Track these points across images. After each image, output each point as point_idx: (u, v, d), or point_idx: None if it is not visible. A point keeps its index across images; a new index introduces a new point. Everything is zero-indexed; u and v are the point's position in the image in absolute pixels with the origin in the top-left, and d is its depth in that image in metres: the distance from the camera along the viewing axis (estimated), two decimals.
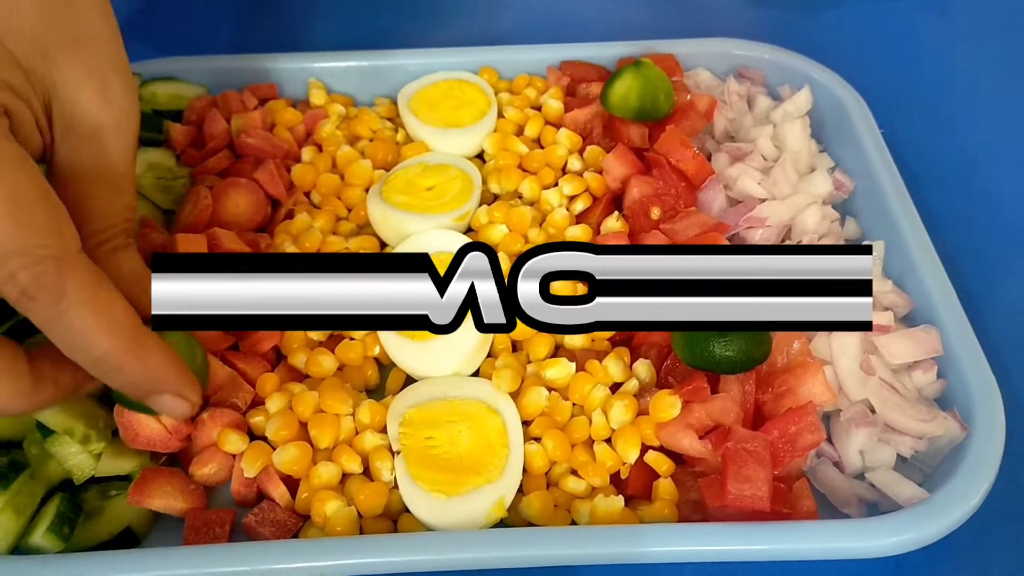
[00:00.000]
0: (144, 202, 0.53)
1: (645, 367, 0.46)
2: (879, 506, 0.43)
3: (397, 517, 0.43)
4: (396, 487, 0.43)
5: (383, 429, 0.45)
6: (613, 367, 0.46)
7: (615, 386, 0.46)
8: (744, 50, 0.65)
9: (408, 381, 0.48)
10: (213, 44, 0.67)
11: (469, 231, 0.55)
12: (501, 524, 0.42)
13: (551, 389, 0.46)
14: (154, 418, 0.43)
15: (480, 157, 0.61)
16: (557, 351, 0.49)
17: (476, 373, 0.48)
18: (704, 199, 0.55)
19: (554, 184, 0.57)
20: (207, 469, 0.44)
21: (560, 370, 0.46)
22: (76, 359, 0.35)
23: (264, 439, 0.45)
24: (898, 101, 0.64)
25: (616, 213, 0.53)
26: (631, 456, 0.43)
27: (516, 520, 0.42)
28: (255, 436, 0.45)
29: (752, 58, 0.65)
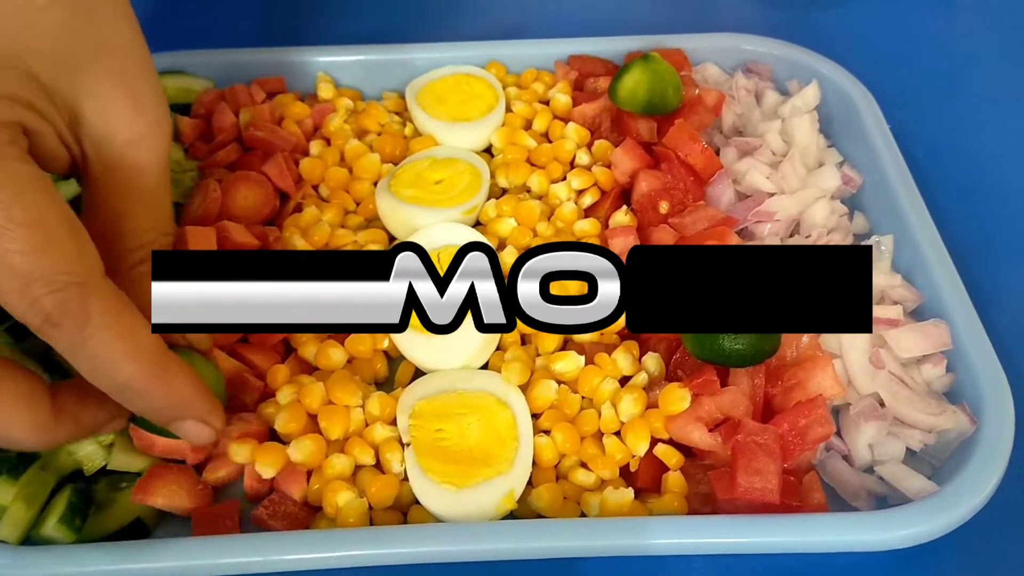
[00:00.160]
0: None
1: (654, 360, 0.47)
2: (888, 499, 0.43)
3: (407, 509, 0.43)
4: (406, 479, 0.43)
5: (393, 421, 0.45)
6: (622, 360, 0.46)
7: (624, 379, 0.46)
8: (752, 45, 0.65)
9: (417, 374, 0.48)
10: (221, 38, 0.67)
11: (478, 225, 0.55)
12: (511, 516, 0.42)
13: (560, 382, 0.46)
14: None
15: (488, 151, 0.61)
16: (566, 344, 0.49)
17: (485, 366, 0.48)
18: (713, 193, 0.55)
19: (562, 178, 0.57)
20: (220, 473, 0.44)
21: (569, 363, 0.46)
22: (100, 385, 0.34)
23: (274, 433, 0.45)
24: (906, 96, 0.64)
25: (625, 207, 0.53)
26: (640, 449, 0.43)
27: (526, 512, 0.42)
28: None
29: (760, 53, 0.65)
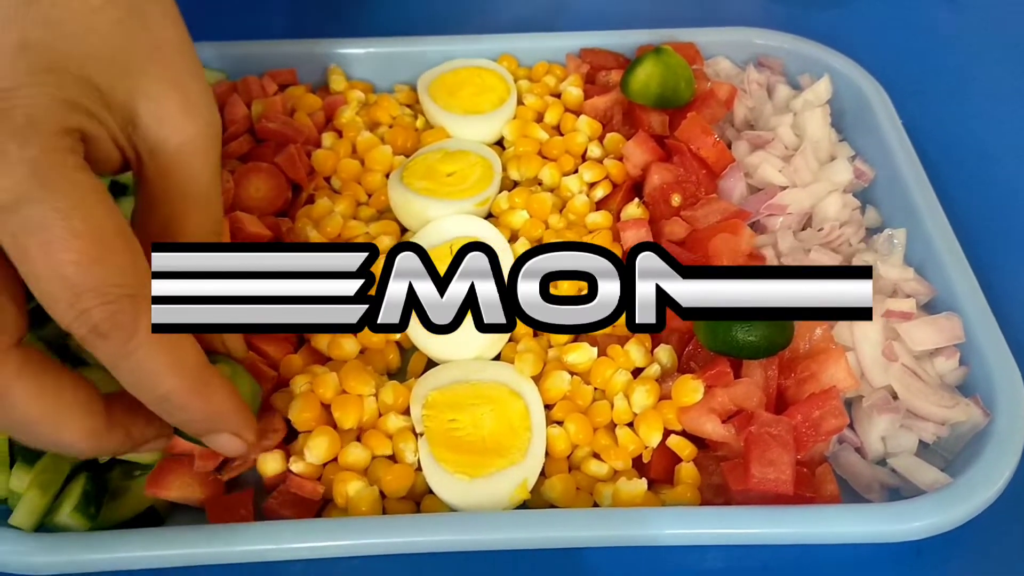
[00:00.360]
0: None
1: (666, 352, 0.47)
2: (901, 491, 0.43)
3: (420, 498, 0.43)
4: (419, 469, 0.43)
5: (406, 411, 0.45)
6: (635, 352, 0.46)
7: (637, 371, 0.46)
8: (764, 39, 0.65)
9: (429, 365, 0.48)
10: (233, 30, 0.67)
11: (489, 217, 0.55)
12: (524, 506, 0.42)
13: (573, 373, 0.46)
14: None
15: (500, 144, 0.61)
16: (578, 336, 0.49)
17: (498, 357, 0.48)
18: (725, 186, 0.55)
19: (574, 171, 0.57)
20: (234, 464, 0.44)
21: (582, 355, 0.46)
22: (139, 396, 0.34)
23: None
24: (918, 91, 0.64)
25: (636, 200, 0.53)
26: (653, 440, 0.43)
27: (538, 502, 0.43)
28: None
29: (772, 47, 0.65)
